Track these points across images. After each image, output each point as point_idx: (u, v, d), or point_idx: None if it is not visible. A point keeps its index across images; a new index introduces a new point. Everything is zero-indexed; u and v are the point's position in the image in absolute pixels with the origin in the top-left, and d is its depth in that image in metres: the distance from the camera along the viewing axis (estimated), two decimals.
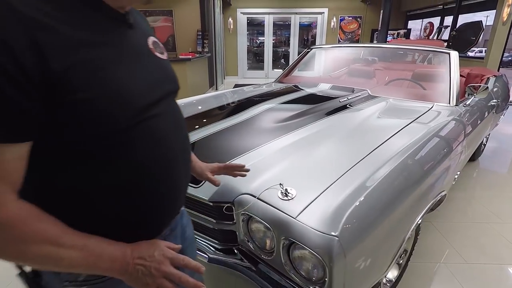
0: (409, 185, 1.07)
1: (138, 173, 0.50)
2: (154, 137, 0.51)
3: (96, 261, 0.46)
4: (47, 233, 0.43)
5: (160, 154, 0.53)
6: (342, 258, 0.78)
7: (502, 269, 1.69)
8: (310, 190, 0.95)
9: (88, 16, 0.46)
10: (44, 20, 0.40)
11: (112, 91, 0.45)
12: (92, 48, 0.44)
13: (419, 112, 1.61)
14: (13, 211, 0.41)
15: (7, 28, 0.37)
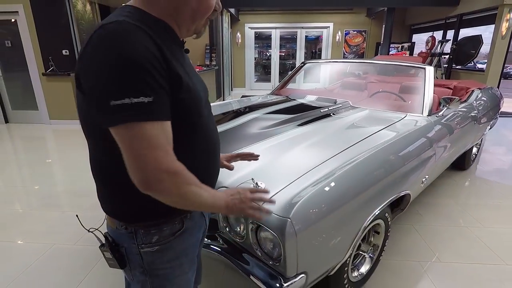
0: (366, 181, 1.25)
1: (204, 146, 0.74)
2: (208, 127, 0.75)
3: (215, 200, 0.67)
4: (194, 179, 0.64)
5: (211, 137, 0.76)
6: (293, 236, 0.96)
7: (474, 268, 1.81)
8: (277, 183, 1.14)
9: (175, 47, 0.68)
10: (162, 43, 0.61)
11: (194, 91, 0.67)
12: (180, 63, 0.66)
13: (392, 121, 1.79)
14: (179, 164, 0.61)
15: (149, 43, 0.58)
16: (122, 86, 0.54)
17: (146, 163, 0.56)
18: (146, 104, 0.55)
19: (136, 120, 0.55)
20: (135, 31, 0.57)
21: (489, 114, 2.94)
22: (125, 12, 0.63)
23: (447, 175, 3.12)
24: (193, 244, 0.80)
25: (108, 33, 0.56)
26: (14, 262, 1.83)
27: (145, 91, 0.55)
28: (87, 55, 0.57)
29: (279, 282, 1.01)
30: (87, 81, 0.58)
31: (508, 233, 2.16)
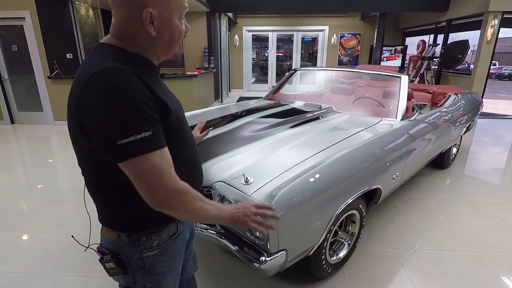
0: (339, 176, 1.49)
1: (190, 156, 0.86)
2: (189, 139, 0.87)
3: (220, 213, 0.76)
4: (199, 195, 0.73)
5: (192, 148, 0.88)
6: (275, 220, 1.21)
7: (440, 254, 2.06)
8: (264, 177, 1.38)
9: (154, 74, 0.78)
10: (147, 80, 0.69)
11: (177, 112, 0.77)
12: (162, 90, 0.76)
13: (368, 125, 2.04)
14: (182, 183, 0.70)
15: (139, 85, 0.66)
16: (126, 127, 0.62)
17: (154, 187, 0.66)
18: (148, 138, 0.64)
19: (141, 154, 0.64)
20: (127, 77, 0.65)
21: (465, 117, 3.19)
22: (108, 54, 0.70)
23: (427, 173, 3.37)
24: (184, 243, 0.94)
25: (105, 83, 0.63)
26: (34, 249, 2.07)
27: (144, 127, 0.64)
28: (89, 101, 0.64)
29: (264, 256, 1.25)
30: (93, 125, 0.64)
31: (475, 224, 2.41)
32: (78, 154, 0.76)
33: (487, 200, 2.80)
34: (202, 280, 1.80)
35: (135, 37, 0.73)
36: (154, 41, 0.74)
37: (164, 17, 0.73)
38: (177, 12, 0.76)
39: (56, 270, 1.88)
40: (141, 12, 0.70)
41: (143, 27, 0.72)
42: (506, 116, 6.71)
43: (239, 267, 1.90)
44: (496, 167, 3.61)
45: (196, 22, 7.04)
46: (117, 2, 0.72)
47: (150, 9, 0.70)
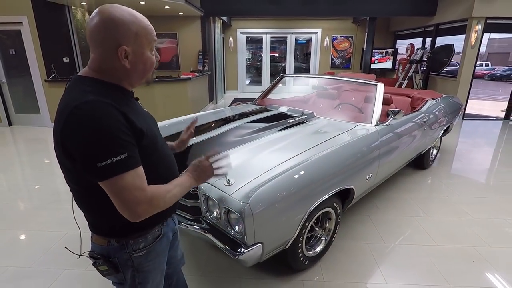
0: (312, 177, 1.67)
1: (165, 164, 0.98)
2: (164, 151, 0.99)
3: (185, 184, 0.93)
4: (166, 189, 0.87)
5: (168, 159, 1.01)
6: (250, 216, 1.38)
7: (410, 247, 2.25)
8: (244, 179, 1.55)
9: (130, 101, 0.89)
10: (123, 107, 0.81)
11: (151, 133, 0.89)
12: (136, 113, 0.87)
13: (344, 130, 2.22)
14: (153, 190, 0.82)
15: (115, 114, 0.77)
16: (104, 152, 0.74)
17: (129, 202, 0.78)
18: (123, 160, 0.76)
19: (117, 174, 0.76)
20: (103, 108, 0.76)
21: (443, 120, 3.39)
22: (86, 87, 0.80)
23: (407, 174, 3.57)
24: (168, 242, 1.06)
25: (84, 115, 0.74)
26: (35, 246, 2.23)
27: (120, 150, 0.76)
28: (72, 132, 0.75)
29: (241, 248, 1.43)
30: (76, 150, 0.75)
31: (445, 221, 2.60)
32: (65, 174, 0.87)
33: (460, 199, 3.00)
34: (190, 272, 1.96)
35: (112, 70, 0.85)
36: (129, 73, 0.86)
37: (137, 52, 0.85)
38: (148, 45, 0.88)
39: (56, 265, 2.04)
40: (116, 50, 0.82)
41: (119, 61, 0.83)
42: (490, 117, 6.94)
43: (224, 261, 2.07)
44: (474, 168, 3.81)
45: (191, 26, 7.19)
46: (95, 43, 0.83)
47: (125, 46, 0.82)
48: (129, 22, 0.82)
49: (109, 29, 0.80)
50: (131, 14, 0.84)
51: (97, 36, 0.82)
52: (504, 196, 3.06)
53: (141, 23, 0.85)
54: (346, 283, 1.90)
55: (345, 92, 2.91)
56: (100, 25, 0.80)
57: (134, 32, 0.83)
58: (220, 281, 1.91)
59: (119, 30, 0.81)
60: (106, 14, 0.80)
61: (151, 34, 0.88)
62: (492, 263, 2.09)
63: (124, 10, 0.83)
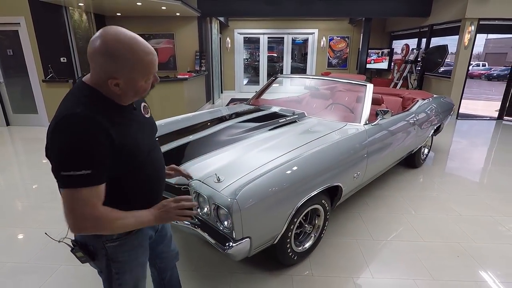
0: (300, 174, 1.73)
1: (150, 172, 1.03)
2: (153, 164, 1.05)
3: (142, 220, 0.95)
4: (118, 215, 0.89)
5: (154, 171, 1.06)
6: (238, 211, 1.44)
7: (398, 243, 2.31)
8: (234, 176, 1.61)
9: (124, 112, 0.93)
10: (112, 120, 0.86)
11: (134, 145, 0.93)
12: (125, 125, 0.91)
13: (334, 129, 2.28)
14: (102, 211, 0.86)
15: (94, 131, 0.81)
16: (70, 163, 0.80)
17: (75, 215, 0.83)
18: (85, 176, 0.81)
19: (75, 187, 0.81)
20: (87, 124, 0.81)
21: (433, 119, 3.46)
22: (82, 98, 0.86)
23: (399, 172, 3.64)
24: (145, 238, 1.10)
25: (67, 126, 0.80)
26: (32, 243, 2.28)
27: (85, 166, 0.81)
28: (53, 137, 0.82)
29: (230, 242, 1.49)
30: (52, 154, 0.83)
31: (433, 218, 2.67)
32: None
33: (450, 197, 3.07)
34: (183, 267, 2.02)
35: (105, 87, 0.88)
36: (120, 96, 0.90)
37: (129, 82, 0.87)
38: (143, 77, 0.89)
39: (52, 260, 2.10)
40: (107, 79, 0.86)
41: (110, 86, 0.87)
42: (484, 117, 7.03)
43: (216, 256, 2.13)
44: (466, 167, 3.89)
45: (188, 26, 7.24)
46: (92, 63, 0.86)
47: (116, 80, 0.85)
48: (127, 57, 0.84)
49: (105, 60, 0.83)
50: (131, 48, 0.84)
51: (94, 59, 0.85)
52: (492, 194, 3.13)
53: (140, 57, 0.86)
54: (334, 277, 1.97)
55: (336, 92, 2.98)
56: (98, 53, 0.83)
57: (129, 67, 0.85)
58: (211, 276, 1.97)
59: (115, 64, 0.84)
60: (106, 43, 0.82)
61: (148, 68, 0.89)
62: (476, 258, 2.16)
63: (125, 41, 0.84)
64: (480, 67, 23.01)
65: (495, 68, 21.62)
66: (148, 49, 0.88)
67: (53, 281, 1.92)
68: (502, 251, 2.24)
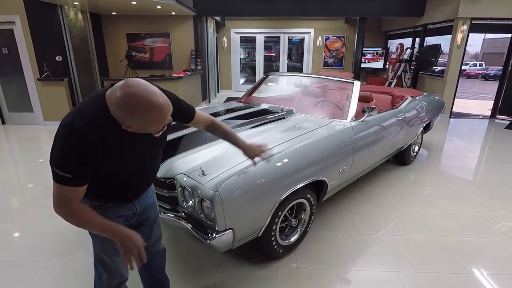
0: (283, 169, 1.77)
1: (126, 186, 1.17)
2: (138, 175, 1.19)
3: (108, 231, 1.05)
4: (90, 216, 1.03)
5: (136, 181, 1.20)
6: (220, 203, 1.48)
7: (383, 238, 2.36)
8: (218, 170, 1.65)
9: (125, 134, 1.01)
10: (106, 139, 0.97)
11: (119, 166, 1.07)
12: (119, 149, 1.03)
13: (320, 125, 2.33)
14: (77, 208, 1.00)
15: (82, 147, 0.93)
16: (58, 164, 0.95)
17: (56, 202, 1.00)
18: (66, 178, 0.95)
19: (58, 183, 0.97)
20: (81, 139, 0.93)
21: (423, 117, 3.50)
22: (91, 112, 0.96)
23: (389, 169, 3.69)
24: (113, 216, 1.17)
25: (65, 134, 0.94)
26: (24, 237, 2.32)
27: (67, 171, 0.95)
28: (55, 134, 0.97)
29: (212, 233, 1.53)
30: (51, 150, 0.99)
31: (420, 213, 2.72)
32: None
33: (438, 193, 3.12)
34: (170, 261, 2.06)
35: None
36: (129, 126, 0.97)
37: (140, 130, 0.98)
38: (155, 127, 0.99)
39: (43, 254, 2.13)
40: (121, 122, 0.96)
41: (123, 126, 0.97)
42: (477, 116, 7.09)
43: (203, 250, 2.17)
44: (456, 164, 3.94)
45: (183, 25, 7.28)
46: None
47: (128, 127, 0.97)
48: (140, 116, 0.92)
49: (121, 114, 0.93)
50: (145, 110, 0.91)
51: (112, 107, 0.94)
52: (479, 190, 3.19)
53: (153, 117, 0.94)
54: (319, 270, 2.01)
55: (323, 89, 3.02)
56: (115, 106, 0.92)
57: (142, 123, 0.95)
58: (199, 269, 2.01)
59: (129, 119, 0.93)
60: (124, 100, 0.90)
61: (160, 122, 0.97)
62: (459, 251, 2.21)
63: (141, 102, 0.90)
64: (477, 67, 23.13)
65: (492, 68, 21.73)
66: (162, 107, 0.94)
67: (43, 274, 1.95)
68: (484, 245, 2.29)
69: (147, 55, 7.50)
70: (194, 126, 1.43)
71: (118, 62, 7.31)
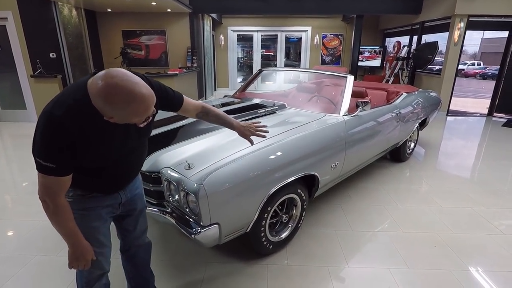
0: (271, 161, 1.72)
1: (108, 178, 1.14)
2: (119, 167, 1.15)
3: (74, 237, 1.07)
4: (66, 217, 1.03)
5: (117, 172, 1.16)
6: (205, 197, 1.43)
7: (376, 234, 2.32)
8: (204, 163, 1.61)
9: (105, 123, 0.96)
10: (79, 134, 0.93)
11: (98, 156, 1.03)
12: (98, 139, 0.99)
13: (312, 119, 2.28)
14: (57, 203, 1.00)
15: (61, 135, 0.91)
16: (40, 154, 0.93)
17: (41, 191, 0.99)
18: (49, 168, 0.94)
19: (42, 173, 0.96)
20: (59, 127, 0.91)
21: (418, 113, 3.46)
22: (72, 100, 0.93)
23: (385, 166, 3.65)
24: (98, 206, 1.18)
25: (44, 122, 0.91)
26: (10, 234, 2.27)
27: (50, 161, 0.93)
28: (36, 123, 0.95)
29: (198, 228, 1.48)
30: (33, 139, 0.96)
31: (413, 210, 2.68)
32: None
33: (433, 190, 3.08)
34: (158, 257, 2.02)
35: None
36: (111, 117, 0.93)
37: (123, 120, 0.93)
38: (138, 118, 0.94)
39: (28, 250, 2.08)
40: (103, 113, 0.91)
41: (105, 116, 0.93)
42: (474, 114, 7.06)
43: (191, 246, 2.13)
44: (452, 161, 3.90)
45: (179, 23, 7.22)
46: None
47: (111, 118, 0.92)
48: (123, 107, 0.88)
49: (103, 104, 0.88)
50: (127, 100, 0.87)
51: (94, 98, 0.90)
52: (474, 187, 3.15)
53: (135, 107, 0.89)
54: (310, 266, 1.96)
55: (317, 84, 2.97)
56: (97, 96, 0.88)
57: (125, 114, 0.90)
58: (186, 265, 1.96)
59: (111, 110, 0.89)
60: (105, 90, 0.86)
61: (143, 113, 0.93)
62: (452, 248, 2.17)
63: (123, 92, 0.86)
64: (475, 66, 23.14)
65: (490, 68, 21.73)
66: (144, 98, 0.90)
67: (27, 270, 1.90)
68: (478, 241, 2.25)
69: (142, 53, 7.45)
70: (184, 114, 1.38)
71: (113, 60, 7.24)
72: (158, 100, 1.06)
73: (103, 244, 1.23)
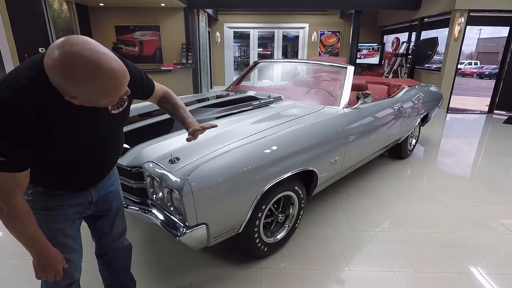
0: (265, 155, 1.57)
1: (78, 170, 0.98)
2: (90, 158, 0.98)
3: (38, 242, 0.91)
4: (27, 220, 0.87)
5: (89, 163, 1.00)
6: (190, 194, 1.28)
7: (378, 234, 2.17)
8: (191, 157, 1.45)
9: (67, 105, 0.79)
10: (36, 118, 0.76)
11: (66, 142, 0.86)
12: (61, 122, 0.82)
13: (310, 111, 2.13)
14: (14, 204, 0.84)
15: (14, 123, 0.74)
16: None
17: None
18: (0, 162, 0.77)
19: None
20: (8, 115, 0.74)
21: (420, 108, 3.32)
22: (24, 78, 0.76)
23: (385, 163, 3.50)
24: (63, 205, 1.02)
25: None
26: None
27: (0, 154, 0.76)
28: None
29: (183, 228, 1.33)
30: None
31: (417, 208, 2.54)
32: None
33: (436, 187, 2.94)
34: (145, 260, 1.86)
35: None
36: (72, 97, 0.77)
37: (89, 102, 0.78)
38: (107, 98, 0.78)
39: (2, 254, 1.91)
40: (63, 92, 0.76)
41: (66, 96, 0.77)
42: (474, 111, 6.96)
43: (181, 249, 1.97)
44: (454, 158, 3.77)
45: (174, 18, 7.05)
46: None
47: (73, 98, 0.76)
48: (85, 84, 0.72)
49: (62, 80, 0.71)
50: (91, 74, 0.71)
51: (50, 73, 0.72)
52: (479, 185, 3.01)
53: (100, 86, 0.73)
54: (308, 270, 1.81)
55: (315, 75, 2.82)
56: (53, 70, 0.71)
57: (88, 93, 0.74)
58: (175, 269, 1.80)
59: (72, 87, 0.72)
60: (63, 62, 0.69)
61: (111, 96, 0.78)
62: (460, 248, 2.03)
63: (87, 64, 0.70)
64: (472, 66, 23.14)
65: (487, 67, 21.75)
66: (114, 73, 0.74)
67: (1, 273, 1.74)
68: (487, 241, 2.11)
69: (136, 49, 7.27)
70: (150, 101, 1.25)
71: None
72: (133, 86, 0.94)
73: (71, 248, 1.07)
